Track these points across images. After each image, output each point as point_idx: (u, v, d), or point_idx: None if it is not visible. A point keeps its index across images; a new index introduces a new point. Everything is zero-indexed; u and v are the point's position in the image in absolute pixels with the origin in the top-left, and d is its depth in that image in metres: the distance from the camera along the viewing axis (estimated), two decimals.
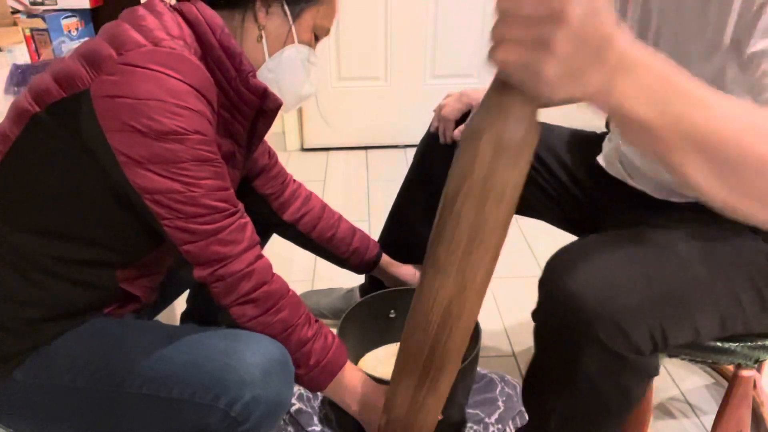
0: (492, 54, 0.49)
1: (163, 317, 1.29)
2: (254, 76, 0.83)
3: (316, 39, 0.89)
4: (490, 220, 0.57)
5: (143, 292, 0.89)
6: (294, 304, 0.86)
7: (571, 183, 1.09)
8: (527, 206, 1.16)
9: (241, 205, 0.82)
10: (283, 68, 0.86)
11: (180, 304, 1.30)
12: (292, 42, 0.85)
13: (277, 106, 0.88)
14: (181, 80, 0.71)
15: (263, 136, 0.96)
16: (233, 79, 0.81)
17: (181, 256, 0.78)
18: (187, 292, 1.26)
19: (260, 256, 0.83)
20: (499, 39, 0.48)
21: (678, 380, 1.34)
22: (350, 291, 1.48)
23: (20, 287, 0.79)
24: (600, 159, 1.04)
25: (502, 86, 0.51)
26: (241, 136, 0.90)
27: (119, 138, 0.70)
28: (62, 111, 0.73)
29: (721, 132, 0.49)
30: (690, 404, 1.28)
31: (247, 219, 0.82)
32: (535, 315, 0.78)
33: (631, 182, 0.96)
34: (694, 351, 0.85)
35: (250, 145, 0.94)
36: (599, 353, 0.70)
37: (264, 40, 0.84)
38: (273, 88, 0.87)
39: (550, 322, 0.76)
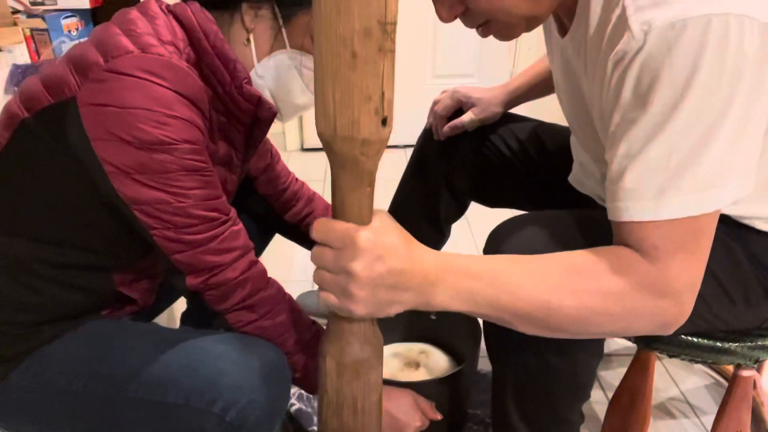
0: (319, 293, 0.60)
1: (163, 318, 1.28)
2: (249, 83, 0.80)
3: None
4: (352, 428, 0.67)
5: (141, 295, 0.89)
6: (290, 308, 0.85)
7: (557, 174, 1.07)
8: (519, 198, 1.16)
9: (233, 212, 0.80)
10: (274, 75, 0.83)
11: (180, 304, 1.30)
12: (283, 47, 0.81)
13: (272, 114, 0.86)
14: (168, 88, 0.69)
15: (259, 143, 0.95)
16: (228, 84, 0.78)
17: (172, 264, 0.77)
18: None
19: (254, 263, 0.82)
20: (318, 282, 0.59)
21: (678, 380, 1.34)
22: None
23: (16, 292, 0.78)
24: (570, 179, 1.03)
25: (335, 314, 0.62)
26: (238, 141, 0.88)
27: (105, 147, 0.69)
28: (50, 118, 0.72)
29: (526, 302, 0.60)
30: (690, 404, 1.28)
31: (240, 225, 0.81)
32: None
33: (600, 203, 0.96)
34: (694, 351, 0.85)
35: (247, 149, 0.93)
36: None
37: (252, 44, 0.80)
38: (265, 95, 0.84)
39: None
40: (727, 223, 0.74)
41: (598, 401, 1.27)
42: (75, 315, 0.82)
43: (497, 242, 0.76)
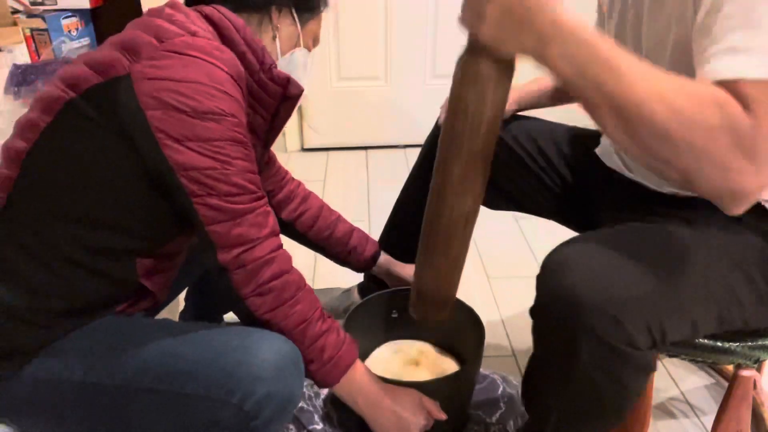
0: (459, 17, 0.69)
1: (163, 315, 1.28)
2: (276, 67, 0.88)
3: (315, 45, 0.98)
4: (459, 132, 0.77)
5: (158, 288, 0.90)
6: (310, 297, 0.87)
7: (570, 175, 1.10)
8: (527, 199, 1.17)
9: (265, 195, 0.84)
10: (291, 68, 0.94)
11: (180, 301, 1.30)
12: (299, 46, 0.94)
13: (300, 91, 0.92)
14: (219, 67, 0.76)
15: (282, 126, 1.00)
16: (256, 72, 0.85)
17: (200, 242, 0.81)
18: (184, 291, 1.27)
19: (281, 246, 0.85)
20: (462, 4, 0.69)
21: (678, 380, 1.34)
22: (347, 291, 1.48)
23: (40, 277, 0.79)
24: (598, 151, 1.05)
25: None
26: (261, 129, 0.94)
27: (159, 117, 0.73)
28: (100, 95, 0.76)
29: (627, 96, 0.60)
30: (690, 404, 1.28)
31: (270, 209, 0.85)
32: (533, 312, 0.78)
33: (628, 174, 0.97)
34: (694, 351, 0.85)
35: (268, 138, 0.98)
36: (596, 346, 0.70)
37: (278, 41, 0.92)
38: None
39: (547, 318, 0.76)
40: (751, 228, 0.76)
41: None
42: (93, 306, 0.83)
43: (557, 268, 0.73)
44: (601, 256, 0.72)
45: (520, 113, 1.17)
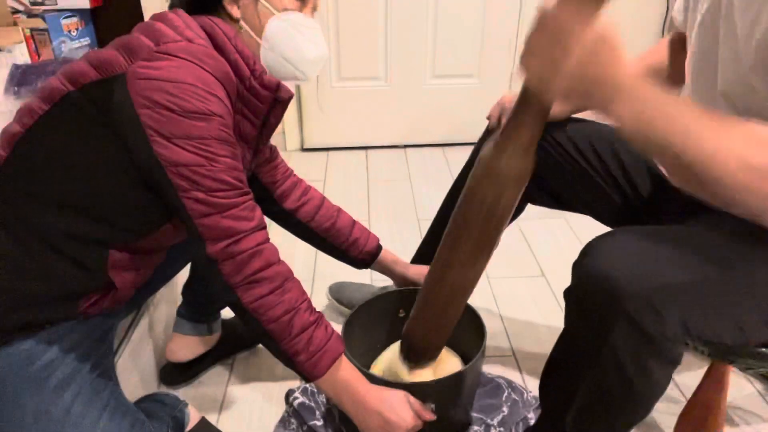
0: (522, 59, 0.66)
1: (161, 309, 1.28)
2: (266, 73, 0.91)
3: (305, 4, 0.93)
4: (464, 219, 0.84)
5: (124, 285, 0.90)
6: (298, 287, 0.89)
7: (625, 179, 1.08)
8: (579, 200, 1.14)
9: (251, 192, 0.87)
10: (277, 41, 0.91)
11: (180, 281, 1.30)
12: (271, 15, 0.90)
13: (290, 96, 0.95)
14: (209, 72, 0.80)
15: (273, 131, 1.02)
16: (247, 79, 0.88)
17: (189, 236, 0.83)
18: (181, 286, 1.27)
19: (268, 239, 0.87)
20: (528, 48, 0.65)
21: (748, 394, 1.26)
22: (384, 288, 1.45)
23: (18, 257, 0.81)
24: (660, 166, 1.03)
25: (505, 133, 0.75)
26: (251, 136, 0.96)
27: (150, 115, 0.76)
28: (96, 90, 0.79)
29: (695, 153, 0.62)
30: (765, 420, 1.20)
31: (257, 205, 0.87)
32: (567, 294, 0.78)
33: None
34: (758, 360, 0.81)
35: (258, 143, 1.00)
36: (628, 330, 0.70)
37: (246, 27, 0.90)
38: (280, 65, 0.92)
39: (581, 300, 0.76)
40: None
41: (667, 412, 1.20)
42: (58, 297, 0.83)
43: (595, 254, 0.73)
44: (641, 246, 0.72)
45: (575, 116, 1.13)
